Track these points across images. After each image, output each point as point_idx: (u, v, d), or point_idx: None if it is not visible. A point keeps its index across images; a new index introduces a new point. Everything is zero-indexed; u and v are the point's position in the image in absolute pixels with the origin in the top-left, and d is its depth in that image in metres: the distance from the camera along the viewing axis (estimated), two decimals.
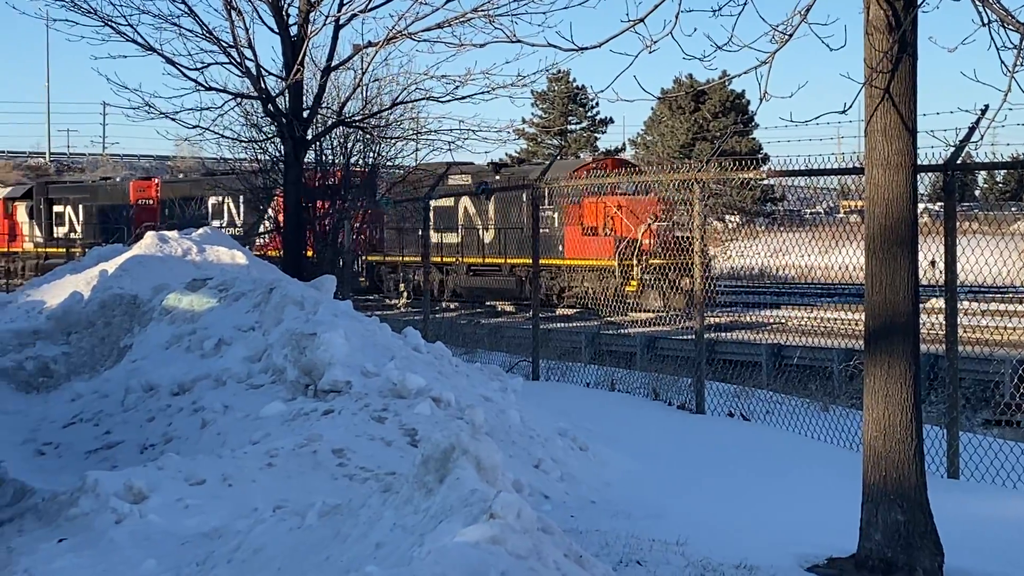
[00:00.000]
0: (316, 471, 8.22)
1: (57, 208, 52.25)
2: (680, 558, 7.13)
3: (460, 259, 35.30)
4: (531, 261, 16.76)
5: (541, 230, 33.12)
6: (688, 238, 29.25)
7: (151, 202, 48.34)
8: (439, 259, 35.12)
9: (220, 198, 44.33)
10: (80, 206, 51.29)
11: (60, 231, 51.89)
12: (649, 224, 30.50)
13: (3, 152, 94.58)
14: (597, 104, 74.08)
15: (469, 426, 6.27)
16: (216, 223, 42.39)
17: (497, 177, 32.47)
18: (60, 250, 50.18)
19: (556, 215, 33.19)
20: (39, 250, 51.75)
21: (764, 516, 8.29)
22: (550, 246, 32.41)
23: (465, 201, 35.75)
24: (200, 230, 15.98)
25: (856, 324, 21.20)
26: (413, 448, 8.68)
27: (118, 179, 54.23)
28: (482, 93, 18.93)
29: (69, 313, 12.66)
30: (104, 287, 12.96)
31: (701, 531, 7.74)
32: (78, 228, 51.08)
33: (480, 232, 35.10)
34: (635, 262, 30.29)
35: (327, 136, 22.12)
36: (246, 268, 14.20)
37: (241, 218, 42.81)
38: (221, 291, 11.98)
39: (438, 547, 4.81)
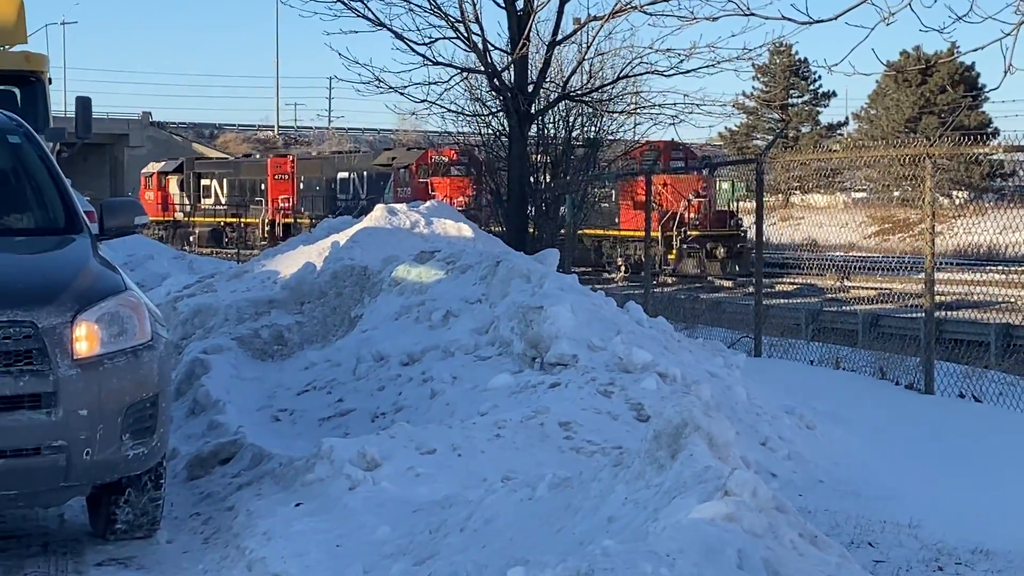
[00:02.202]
0: (543, 443, 8.28)
1: (204, 182, 58.09)
2: (913, 540, 7.02)
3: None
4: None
5: (602, 204, 34.71)
6: (727, 212, 32.33)
7: (286, 177, 53.26)
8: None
9: (347, 174, 49.55)
10: (224, 180, 56.98)
11: (206, 202, 57.45)
12: (690, 200, 34.10)
13: (233, 125, 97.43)
14: (820, 77, 72.80)
15: (700, 402, 6.24)
16: (343, 196, 48.38)
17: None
18: (207, 219, 56.25)
19: (613, 191, 36.00)
20: (188, 219, 57.14)
21: (999, 501, 8.08)
22: (609, 218, 36.27)
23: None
24: (427, 203, 16.21)
25: None
26: (639, 423, 8.69)
27: (257, 155, 60.83)
28: (707, 67, 18.81)
29: (302, 283, 12.98)
30: (335, 258, 13.24)
31: (934, 514, 7.59)
32: (222, 199, 56.25)
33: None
34: (675, 233, 34.00)
35: (550, 110, 22.21)
36: (472, 241, 14.35)
37: (364, 192, 47.91)
38: (448, 263, 12.13)
39: (673, 523, 4.82)
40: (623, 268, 35.67)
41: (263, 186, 54.02)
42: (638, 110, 23.37)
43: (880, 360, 13.91)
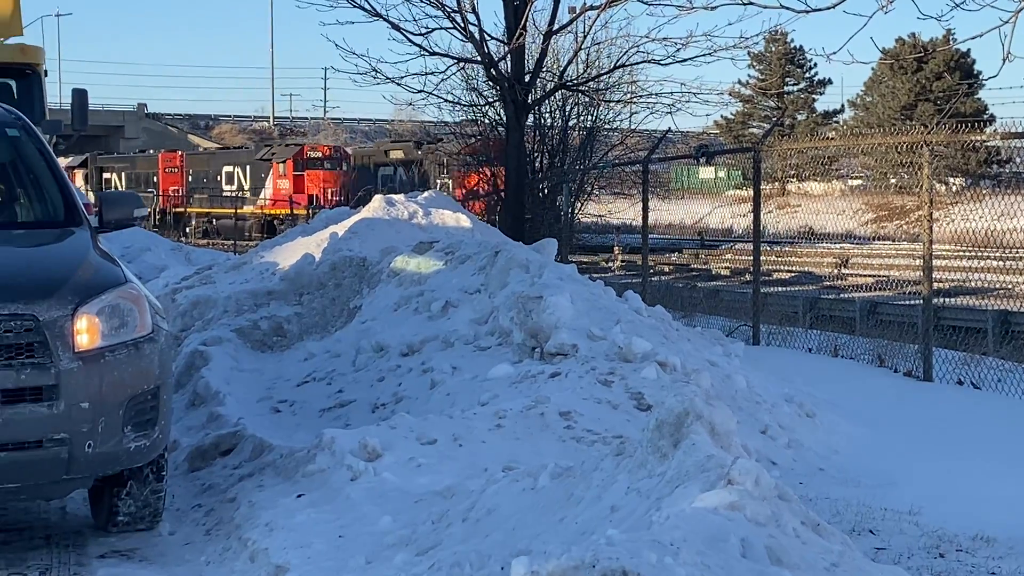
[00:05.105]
0: (543, 433, 8.29)
1: (106, 175, 64.27)
2: (914, 528, 7.04)
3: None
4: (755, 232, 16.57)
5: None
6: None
7: (176, 170, 59.88)
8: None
9: (232, 168, 55.34)
10: (123, 173, 63.41)
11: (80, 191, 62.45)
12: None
13: (229, 116, 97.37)
14: (815, 65, 72.85)
15: (701, 391, 6.26)
16: (228, 187, 54.89)
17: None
18: None
19: (451, 181, 40.58)
20: (93, 208, 61.37)
21: (999, 487, 8.08)
22: None
23: None
24: (425, 193, 16.20)
25: None
26: (639, 412, 8.71)
27: (151, 151, 66.84)
28: (703, 56, 18.82)
29: (301, 274, 12.98)
30: (334, 249, 13.24)
31: (934, 501, 7.61)
32: (121, 190, 60.72)
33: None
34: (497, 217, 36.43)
35: (547, 100, 22.22)
36: (470, 231, 14.36)
37: (248, 184, 53.56)
38: (447, 254, 12.14)
39: (676, 512, 4.83)
40: (620, 257, 35.65)
41: (155, 178, 59.83)
42: (634, 99, 23.40)
43: (878, 347, 13.91)
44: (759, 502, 4.84)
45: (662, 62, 19.82)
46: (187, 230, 55.34)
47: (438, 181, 44.70)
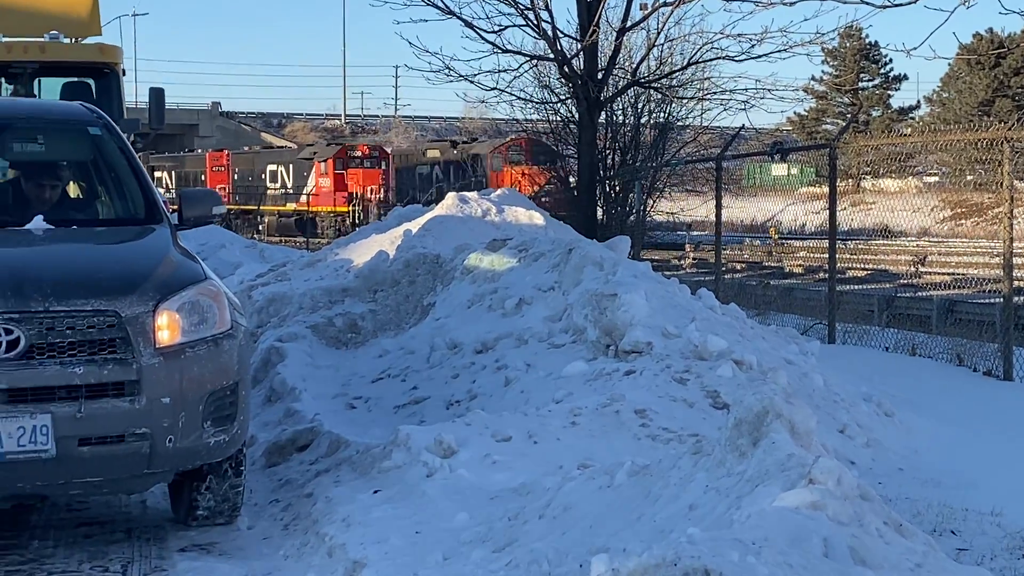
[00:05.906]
0: (619, 430, 8.26)
1: (157, 173, 66.65)
2: (996, 529, 6.96)
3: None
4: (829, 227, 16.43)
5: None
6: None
7: (222, 169, 62.47)
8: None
9: (275, 166, 58.19)
10: (172, 172, 66.77)
11: (159, 191, 66.46)
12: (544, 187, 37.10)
13: (301, 115, 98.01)
14: (891, 60, 72.20)
15: (779, 389, 6.20)
16: (272, 184, 57.83)
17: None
18: None
19: (484, 180, 43.31)
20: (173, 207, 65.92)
21: None
22: None
23: None
24: (499, 191, 16.21)
25: None
26: (715, 410, 8.66)
27: (199, 151, 70.20)
28: (779, 52, 18.70)
29: (375, 272, 13.02)
30: (408, 246, 13.28)
31: (1016, 501, 7.51)
32: (172, 189, 64.90)
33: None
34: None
35: (619, 97, 22.17)
36: (543, 229, 14.33)
37: (291, 181, 56.47)
38: (520, 251, 12.12)
39: (757, 511, 4.80)
40: (692, 255, 35.48)
41: (202, 177, 62.60)
42: (708, 96, 23.30)
43: (957, 347, 13.77)
44: (841, 502, 4.80)
45: (736, 58, 19.72)
46: (259, 227, 56.86)
47: (472, 179, 45.44)
